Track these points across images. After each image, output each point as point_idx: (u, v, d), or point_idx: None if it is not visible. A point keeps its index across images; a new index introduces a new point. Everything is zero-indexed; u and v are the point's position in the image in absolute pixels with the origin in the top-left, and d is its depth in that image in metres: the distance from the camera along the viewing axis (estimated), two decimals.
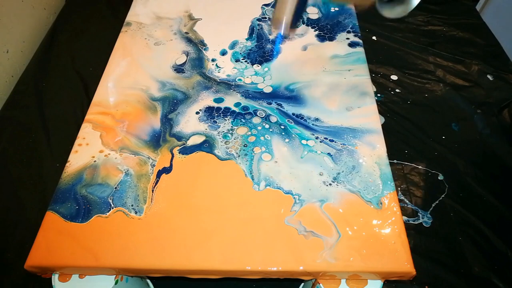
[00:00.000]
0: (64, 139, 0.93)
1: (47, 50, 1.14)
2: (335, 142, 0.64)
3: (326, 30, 0.83)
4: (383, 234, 0.54)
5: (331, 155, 0.63)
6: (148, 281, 0.73)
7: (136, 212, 0.57)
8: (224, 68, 0.76)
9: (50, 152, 0.91)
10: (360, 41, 0.81)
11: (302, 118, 0.68)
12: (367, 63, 0.76)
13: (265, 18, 0.87)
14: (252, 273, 0.53)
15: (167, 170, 0.61)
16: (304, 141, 0.64)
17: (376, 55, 1.14)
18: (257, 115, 0.68)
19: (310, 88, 0.72)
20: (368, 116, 0.68)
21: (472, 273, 0.74)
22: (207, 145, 0.64)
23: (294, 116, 0.68)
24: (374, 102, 0.70)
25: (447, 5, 1.30)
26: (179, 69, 0.76)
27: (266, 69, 0.76)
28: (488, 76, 1.08)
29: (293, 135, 0.65)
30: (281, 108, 0.69)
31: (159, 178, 0.60)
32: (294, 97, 0.71)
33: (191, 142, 0.65)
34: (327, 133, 0.65)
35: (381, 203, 0.57)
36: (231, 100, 0.71)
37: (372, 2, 0.55)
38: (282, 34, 0.59)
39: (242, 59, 0.78)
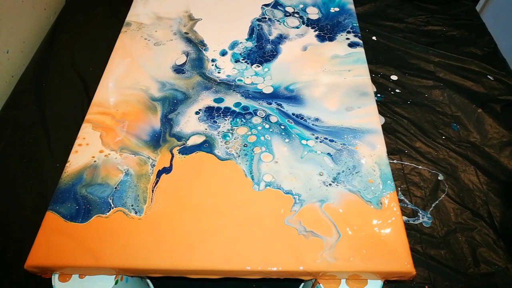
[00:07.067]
0: (64, 139, 0.93)
1: (47, 50, 1.14)
2: (335, 142, 0.64)
3: (326, 30, 0.83)
4: (383, 234, 0.54)
5: (331, 155, 0.63)
6: (148, 281, 0.73)
7: (136, 212, 0.57)
8: (224, 68, 0.76)
9: (50, 152, 0.91)
10: (360, 41, 0.81)
11: (302, 118, 0.68)
12: (367, 63, 0.76)
13: (265, 18, 0.87)
14: (252, 273, 0.53)
15: (167, 170, 0.61)
16: (304, 141, 0.64)
17: (376, 55, 1.14)
18: (257, 115, 0.68)
19: (310, 88, 0.72)
20: (368, 116, 0.68)
21: (472, 273, 0.74)
22: (207, 145, 0.64)
23: (294, 116, 0.68)
24: (374, 102, 0.70)
25: (447, 5, 1.30)
26: (179, 69, 0.76)
27: (266, 69, 0.76)
28: (488, 76, 1.09)
29: (293, 135, 0.65)
30: (281, 108, 0.69)
31: (159, 178, 0.60)
32: (294, 97, 0.71)
33: (191, 142, 0.65)
34: (327, 133, 0.65)
35: (381, 203, 0.57)
36: (231, 100, 0.71)
37: None
38: None
39: (242, 60, 0.78)
